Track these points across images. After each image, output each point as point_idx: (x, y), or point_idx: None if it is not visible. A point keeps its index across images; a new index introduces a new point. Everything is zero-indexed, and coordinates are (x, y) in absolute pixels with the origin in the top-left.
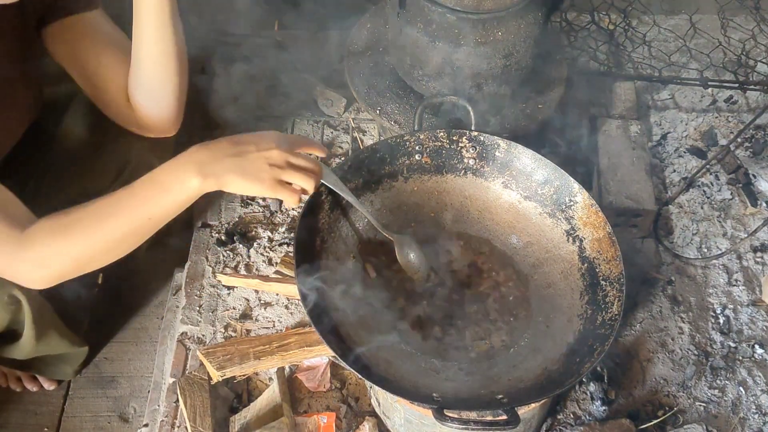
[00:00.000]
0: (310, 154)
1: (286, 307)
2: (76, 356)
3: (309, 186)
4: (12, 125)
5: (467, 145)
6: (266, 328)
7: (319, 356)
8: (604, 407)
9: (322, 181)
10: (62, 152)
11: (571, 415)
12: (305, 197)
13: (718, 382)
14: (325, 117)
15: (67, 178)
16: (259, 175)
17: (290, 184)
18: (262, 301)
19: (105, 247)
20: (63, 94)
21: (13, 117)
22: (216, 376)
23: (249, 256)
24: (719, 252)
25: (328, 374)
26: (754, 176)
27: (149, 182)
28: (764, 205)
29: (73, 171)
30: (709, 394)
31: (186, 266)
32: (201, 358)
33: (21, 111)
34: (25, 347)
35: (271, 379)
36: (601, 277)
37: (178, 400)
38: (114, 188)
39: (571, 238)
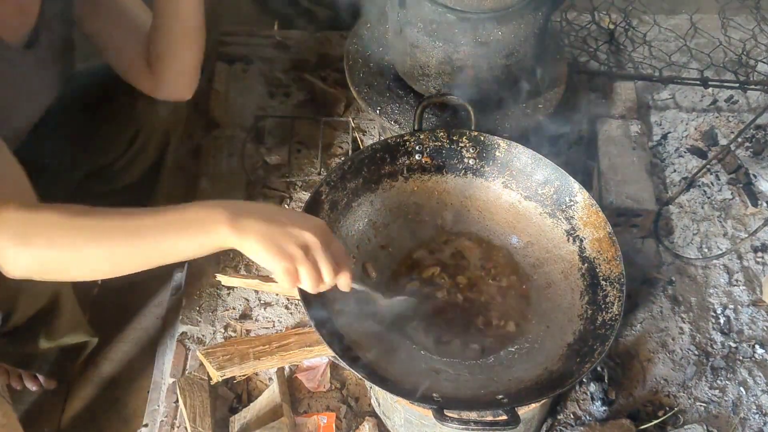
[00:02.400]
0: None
1: (286, 307)
2: (81, 351)
3: (330, 279)
4: (48, 83)
5: (467, 144)
6: (266, 328)
7: (319, 356)
8: (604, 407)
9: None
10: (76, 124)
11: (572, 416)
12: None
13: (718, 382)
14: (325, 117)
15: (80, 149)
16: (280, 248)
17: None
18: (261, 301)
19: (103, 260)
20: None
21: (52, 77)
22: (216, 376)
23: None
24: (720, 252)
25: (328, 374)
26: (755, 176)
27: (179, 214)
28: (765, 205)
29: (86, 141)
30: (709, 395)
31: (186, 266)
32: (201, 358)
33: (56, 70)
34: (56, 331)
35: (271, 379)
36: (601, 277)
37: (177, 400)
38: (125, 159)
39: (571, 238)
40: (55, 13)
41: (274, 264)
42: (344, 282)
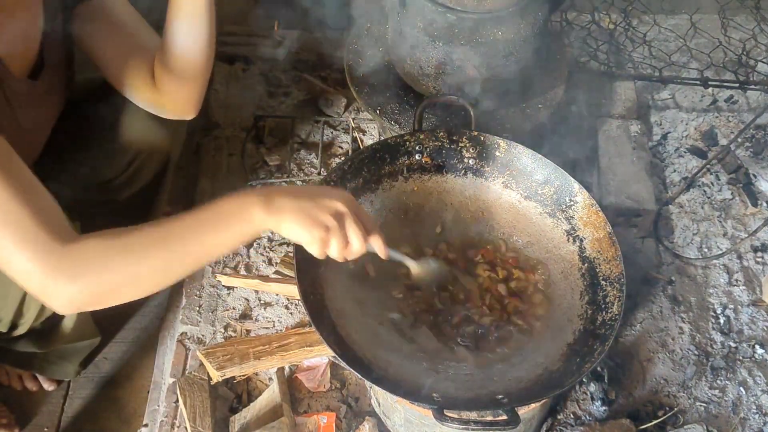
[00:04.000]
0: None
1: (286, 307)
2: (83, 350)
3: (360, 245)
4: (53, 109)
5: (467, 144)
6: (266, 328)
7: (319, 356)
8: (604, 407)
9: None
10: (75, 140)
11: (572, 415)
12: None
13: (718, 382)
14: (325, 117)
15: (80, 166)
16: (315, 219)
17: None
18: (261, 301)
19: (149, 274)
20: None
21: (56, 99)
22: (216, 376)
23: (249, 256)
24: (719, 252)
25: (328, 374)
26: (755, 176)
27: (212, 209)
28: (764, 204)
29: (86, 159)
30: (709, 394)
31: None
32: (201, 358)
33: (60, 94)
34: (62, 338)
35: (271, 379)
36: (601, 277)
37: (177, 400)
38: (126, 175)
39: (571, 238)
40: (57, 40)
41: (309, 234)
42: (378, 247)
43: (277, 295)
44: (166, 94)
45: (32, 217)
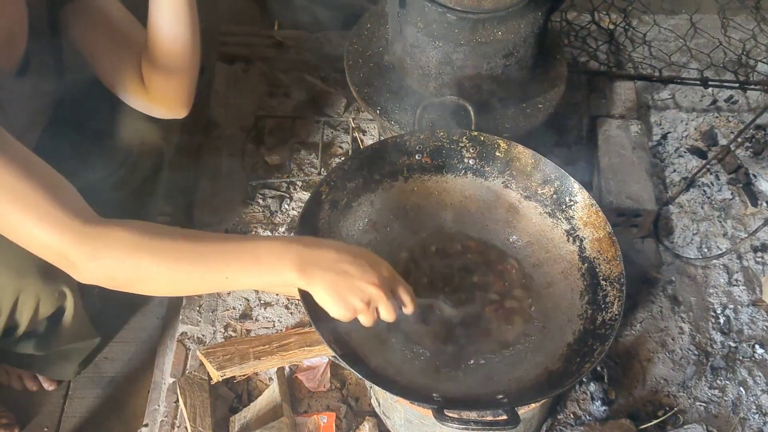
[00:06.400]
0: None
1: (286, 307)
2: (82, 351)
3: (390, 319)
4: (43, 107)
5: (467, 144)
6: (266, 328)
7: (319, 356)
8: (604, 407)
9: None
10: (69, 138)
11: (572, 415)
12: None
13: (718, 382)
14: (325, 117)
15: (74, 164)
16: (346, 301)
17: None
18: (262, 301)
19: (166, 281)
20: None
21: (44, 97)
22: (216, 376)
23: None
24: (719, 252)
25: (328, 374)
26: (755, 176)
27: (248, 248)
28: (764, 204)
29: (80, 156)
30: (709, 394)
31: None
32: (201, 358)
33: (49, 92)
34: (59, 341)
35: (271, 379)
36: (601, 277)
37: (178, 400)
38: (119, 174)
39: (571, 238)
40: (44, 38)
41: (338, 313)
42: (409, 311)
43: (277, 295)
44: (154, 90)
45: (49, 199)
